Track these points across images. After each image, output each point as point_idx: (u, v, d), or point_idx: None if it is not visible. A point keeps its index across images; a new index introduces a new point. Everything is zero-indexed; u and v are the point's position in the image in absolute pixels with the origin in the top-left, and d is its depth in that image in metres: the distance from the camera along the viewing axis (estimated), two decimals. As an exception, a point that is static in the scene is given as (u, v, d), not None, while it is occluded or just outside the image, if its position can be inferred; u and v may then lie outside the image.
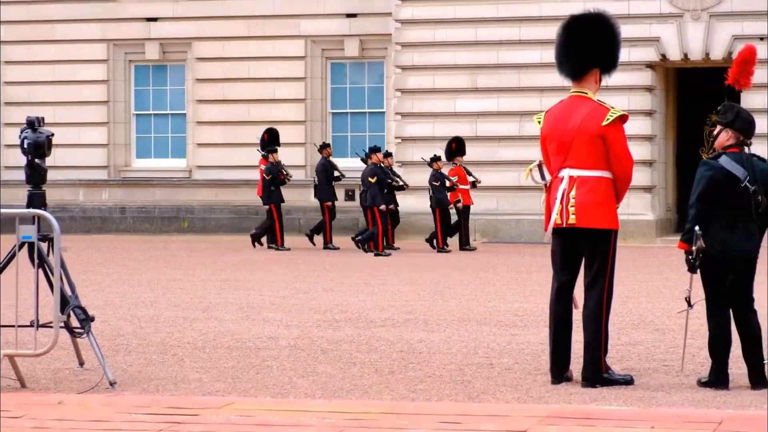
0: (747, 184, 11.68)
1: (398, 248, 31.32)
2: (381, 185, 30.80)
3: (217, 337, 15.33)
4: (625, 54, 13.68)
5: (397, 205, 31.47)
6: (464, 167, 32.58)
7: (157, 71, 39.29)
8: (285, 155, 37.85)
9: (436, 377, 12.28)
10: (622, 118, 12.00)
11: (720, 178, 11.75)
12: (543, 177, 12.31)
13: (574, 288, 12.05)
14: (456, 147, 32.45)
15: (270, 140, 32.94)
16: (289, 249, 31.89)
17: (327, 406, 10.36)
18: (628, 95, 31.52)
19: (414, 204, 35.48)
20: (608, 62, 12.34)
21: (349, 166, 37.54)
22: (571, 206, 11.88)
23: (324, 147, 33.38)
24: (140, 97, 39.49)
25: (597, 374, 11.78)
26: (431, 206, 31.41)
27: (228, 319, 17.25)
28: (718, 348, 11.80)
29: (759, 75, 14.91)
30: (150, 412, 9.92)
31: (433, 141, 35.37)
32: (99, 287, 19.87)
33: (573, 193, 11.86)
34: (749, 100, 27.29)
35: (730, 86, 12.56)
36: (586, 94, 12.09)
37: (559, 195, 11.89)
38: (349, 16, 37.89)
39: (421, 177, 35.01)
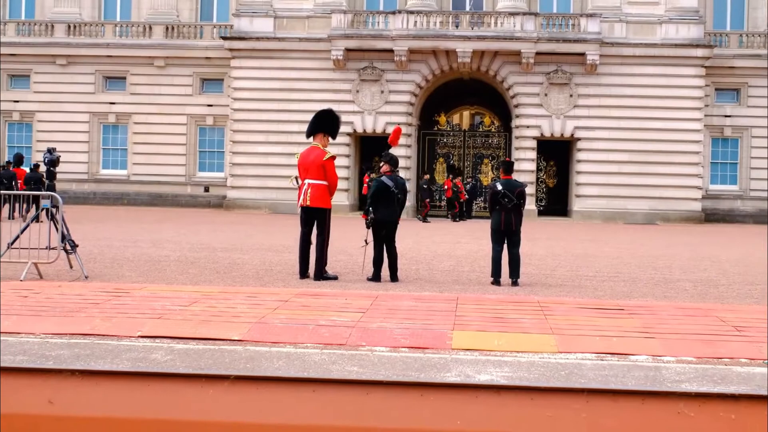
0: (394, 189, 12.25)
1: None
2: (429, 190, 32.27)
3: (139, 255, 15.07)
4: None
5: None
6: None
7: (114, 128, 38.12)
8: (174, 170, 37.26)
9: (245, 275, 12.35)
10: (333, 158, 12.44)
11: (382, 187, 12.30)
12: (297, 183, 12.65)
13: (312, 234, 12.37)
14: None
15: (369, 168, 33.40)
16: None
17: (192, 289, 10.38)
18: (338, 147, 31.68)
19: (239, 194, 35.16)
20: (333, 131, 12.72)
21: (211, 175, 37.32)
22: (308, 197, 12.21)
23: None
24: (105, 140, 38.25)
25: (320, 274, 12.10)
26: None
27: (145, 246, 16.96)
28: (377, 263, 12.30)
29: (403, 140, 15.87)
30: (104, 291, 9.88)
31: (248, 166, 35.29)
32: (81, 231, 19.32)
33: (310, 191, 12.20)
34: (395, 151, 27.91)
35: (389, 144, 13.12)
36: (318, 145, 12.44)
37: (303, 190, 12.26)
38: (209, 105, 37.33)
39: (246, 182, 34.75)
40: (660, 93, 34.30)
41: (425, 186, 32.40)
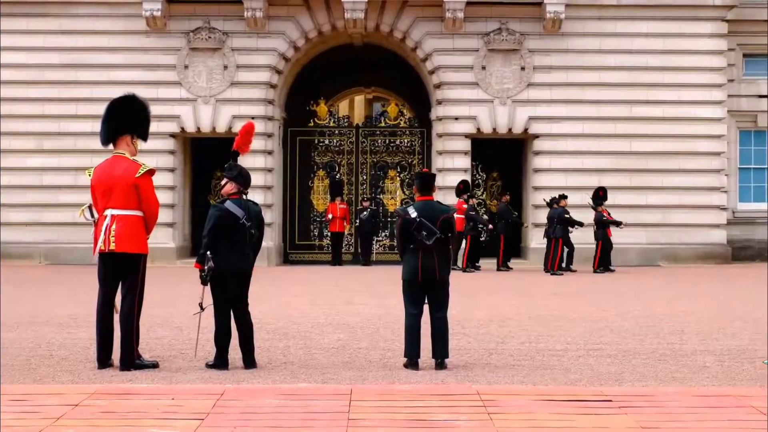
0: (244, 221, 12.28)
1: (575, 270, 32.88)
2: (566, 223, 32.34)
3: None
4: (154, 126, 14.00)
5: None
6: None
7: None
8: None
9: (10, 366, 12.15)
10: (150, 172, 12.46)
11: (225, 217, 12.32)
12: (92, 215, 12.52)
13: (115, 296, 12.27)
14: None
15: (464, 188, 32.25)
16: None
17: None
18: (156, 156, 31.71)
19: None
20: (142, 131, 12.70)
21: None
22: (112, 236, 12.14)
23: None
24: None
25: (131, 361, 12.11)
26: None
27: None
28: (222, 339, 12.32)
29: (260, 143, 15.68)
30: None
31: (13, 189, 34.62)
32: None
33: (114, 227, 12.17)
34: (248, 161, 27.94)
35: (235, 151, 13.14)
36: (124, 154, 12.44)
37: (104, 228, 12.20)
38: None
39: (9, 215, 34.32)
40: (658, 63, 35.06)
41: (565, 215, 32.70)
